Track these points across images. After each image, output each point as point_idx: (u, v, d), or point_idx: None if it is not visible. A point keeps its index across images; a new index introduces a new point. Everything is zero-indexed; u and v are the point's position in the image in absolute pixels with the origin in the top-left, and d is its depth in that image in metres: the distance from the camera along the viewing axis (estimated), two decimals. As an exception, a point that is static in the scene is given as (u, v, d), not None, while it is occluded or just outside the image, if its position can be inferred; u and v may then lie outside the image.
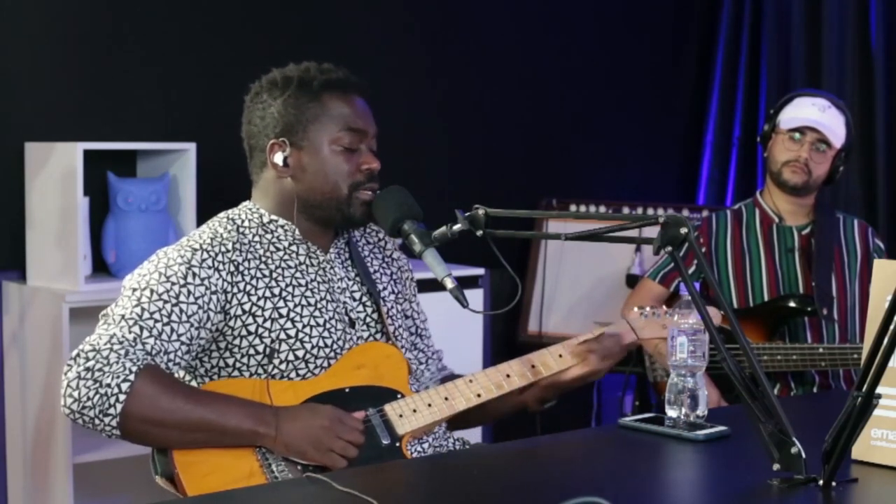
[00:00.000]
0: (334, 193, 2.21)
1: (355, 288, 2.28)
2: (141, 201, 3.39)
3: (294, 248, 2.23)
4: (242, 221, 2.23)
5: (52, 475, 3.25)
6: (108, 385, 1.95)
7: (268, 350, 2.12)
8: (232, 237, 2.18)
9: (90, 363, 1.97)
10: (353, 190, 2.22)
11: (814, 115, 3.28)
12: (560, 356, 2.28)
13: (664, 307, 2.43)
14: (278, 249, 2.22)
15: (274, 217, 2.24)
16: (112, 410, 1.95)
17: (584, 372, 2.29)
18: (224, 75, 3.74)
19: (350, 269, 2.29)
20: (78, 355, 1.99)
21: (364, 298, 2.28)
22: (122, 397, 1.94)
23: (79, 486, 3.26)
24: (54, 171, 3.31)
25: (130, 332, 2.02)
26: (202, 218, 3.06)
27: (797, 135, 3.29)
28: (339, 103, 2.23)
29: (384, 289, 2.33)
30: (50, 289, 3.30)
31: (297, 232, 2.24)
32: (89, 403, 1.95)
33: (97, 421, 1.96)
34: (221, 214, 2.26)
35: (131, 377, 1.96)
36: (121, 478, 3.50)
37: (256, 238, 2.21)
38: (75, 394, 1.96)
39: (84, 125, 3.53)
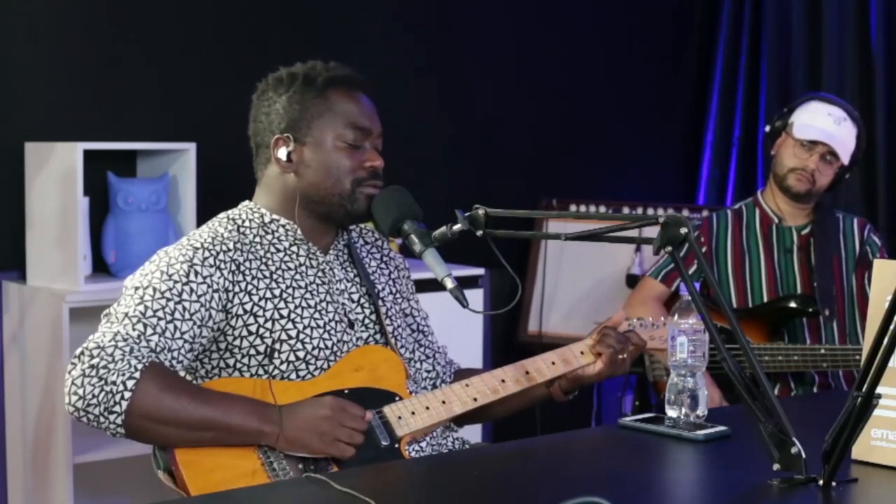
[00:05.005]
0: (337, 189, 2.21)
1: (354, 289, 2.28)
2: (141, 201, 3.39)
3: (294, 248, 2.23)
4: (243, 221, 2.23)
5: (52, 475, 3.25)
6: (114, 382, 1.94)
7: (268, 350, 2.12)
8: (233, 237, 2.18)
9: (95, 360, 1.96)
10: (357, 185, 2.22)
11: (828, 126, 3.27)
12: (553, 363, 2.29)
13: (651, 318, 2.44)
14: (279, 250, 2.21)
15: (275, 216, 2.24)
16: (117, 408, 1.94)
17: (603, 367, 2.30)
18: (224, 75, 3.75)
19: (349, 269, 2.29)
20: (82, 353, 1.98)
21: (362, 300, 2.28)
22: (127, 395, 1.94)
23: (79, 486, 3.26)
24: (54, 171, 3.31)
25: (134, 330, 2.01)
26: (202, 218, 3.06)
27: (808, 144, 3.29)
28: (345, 100, 2.24)
29: (382, 289, 2.33)
30: (50, 289, 3.30)
31: (298, 231, 2.24)
32: (94, 401, 1.94)
33: (102, 419, 1.95)
34: (221, 215, 2.26)
35: (137, 374, 1.95)
36: (121, 478, 3.50)
37: (257, 238, 2.21)
38: (80, 391, 1.95)
39: (84, 125, 3.53)
